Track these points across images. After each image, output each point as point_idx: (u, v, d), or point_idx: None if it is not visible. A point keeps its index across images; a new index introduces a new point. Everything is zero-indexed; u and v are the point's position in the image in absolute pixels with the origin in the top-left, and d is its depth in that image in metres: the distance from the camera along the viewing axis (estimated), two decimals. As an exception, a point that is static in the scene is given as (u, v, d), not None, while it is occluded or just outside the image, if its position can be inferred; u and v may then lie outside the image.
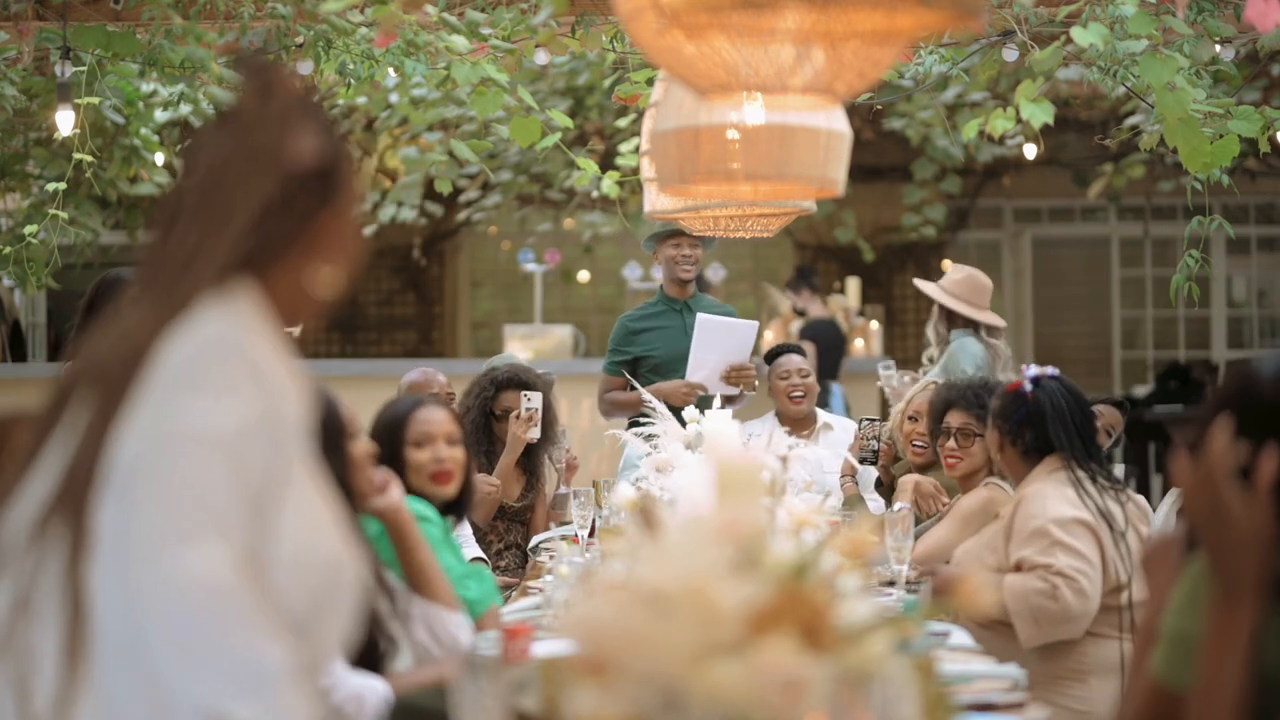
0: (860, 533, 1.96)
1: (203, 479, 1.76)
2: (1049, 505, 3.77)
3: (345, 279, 1.96)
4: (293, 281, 1.91)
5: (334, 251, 1.94)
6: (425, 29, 5.48)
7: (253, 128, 1.90)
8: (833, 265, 13.26)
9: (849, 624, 1.58)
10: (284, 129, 1.89)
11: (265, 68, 1.93)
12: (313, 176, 1.90)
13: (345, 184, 1.95)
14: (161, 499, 1.76)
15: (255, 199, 1.87)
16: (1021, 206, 14.03)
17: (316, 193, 1.91)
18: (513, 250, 13.30)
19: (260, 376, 1.84)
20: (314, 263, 1.92)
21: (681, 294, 6.24)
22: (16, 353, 10.74)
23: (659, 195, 4.21)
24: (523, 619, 3.58)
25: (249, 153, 1.89)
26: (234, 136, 1.91)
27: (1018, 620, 3.68)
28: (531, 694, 1.81)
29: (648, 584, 1.58)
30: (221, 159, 1.89)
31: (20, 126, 8.67)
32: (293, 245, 1.90)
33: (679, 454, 4.52)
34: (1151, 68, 4.87)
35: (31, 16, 5.88)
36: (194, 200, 1.90)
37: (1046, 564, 3.68)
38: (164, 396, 1.80)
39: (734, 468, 1.69)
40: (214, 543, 1.75)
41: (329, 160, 1.92)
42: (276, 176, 1.88)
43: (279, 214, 1.88)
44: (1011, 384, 4.03)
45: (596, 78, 10.98)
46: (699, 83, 2.72)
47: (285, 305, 1.92)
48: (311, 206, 1.91)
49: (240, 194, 1.87)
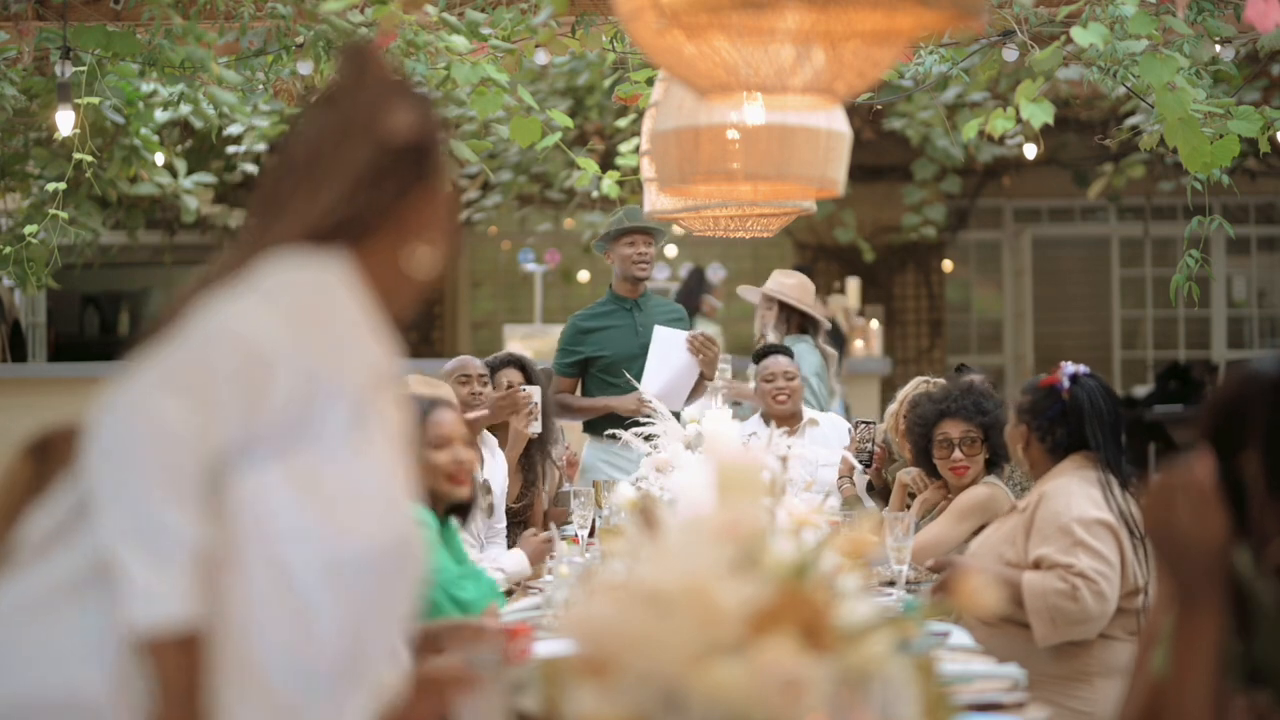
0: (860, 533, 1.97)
1: (206, 357, 1.78)
2: (1074, 503, 3.75)
3: (441, 261, 1.97)
4: (387, 258, 1.93)
5: (429, 231, 1.95)
6: (425, 29, 5.48)
7: (349, 102, 1.92)
8: (833, 265, 13.26)
9: (849, 624, 1.59)
10: (380, 102, 1.92)
11: (361, 50, 1.97)
12: (408, 151, 1.92)
13: (440, 163, 1.97)
14: (170, 357, 1.78)
15: (348, 168, 1.90)
16: (1021, 206, 14.03)
17: (411, 168, 1.93)
18: (513, 250, 13.31)
19: (320, 323, 1.85)
20: (408, 241, 1.94)
21: (633, 293, 6.24)
22: (16, 353, 10.73)
23: (659, 195, 4.21)
24: (523, 619, 3.58)
25: (344, 125, 1.91)
26: (331, 111, 1.94)
27: (1035, 618, 3.66)
28: (531, 694, 1.81)
29: (648, 584, 1.58)
30: (318, 133, 1.92)
31: (20, 126, 8.66)
32: (386, 219, 1.92)
33: (679, 454, 4.52)
34: (1151, 68, 4.87)
35: (31, 16, 5.87)
36: (289, 172, 1.93)
37: (1068, 564, 3.66)
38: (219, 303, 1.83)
39: (734, 468, 1.69)
40: (184, 403, 1.75)
41: (425, 136, 1.94)
42: (370, 148, 1.90)
43: (371, 185, 1.90)
44: (1046, 380, 3.99)
45: (596, 78, 10.98)
46: (699, 83, 2.72)
47: (380, 282, 1.93)
48: (405, 182, 1.92)
49: (334, 163, 1.90)
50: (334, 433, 1.83)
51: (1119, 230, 13.94)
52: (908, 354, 13.56)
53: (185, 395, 1.76)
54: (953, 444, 4.58)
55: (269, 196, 1.94)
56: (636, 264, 6.16)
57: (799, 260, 13.25)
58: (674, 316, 6.36)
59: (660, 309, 6.35)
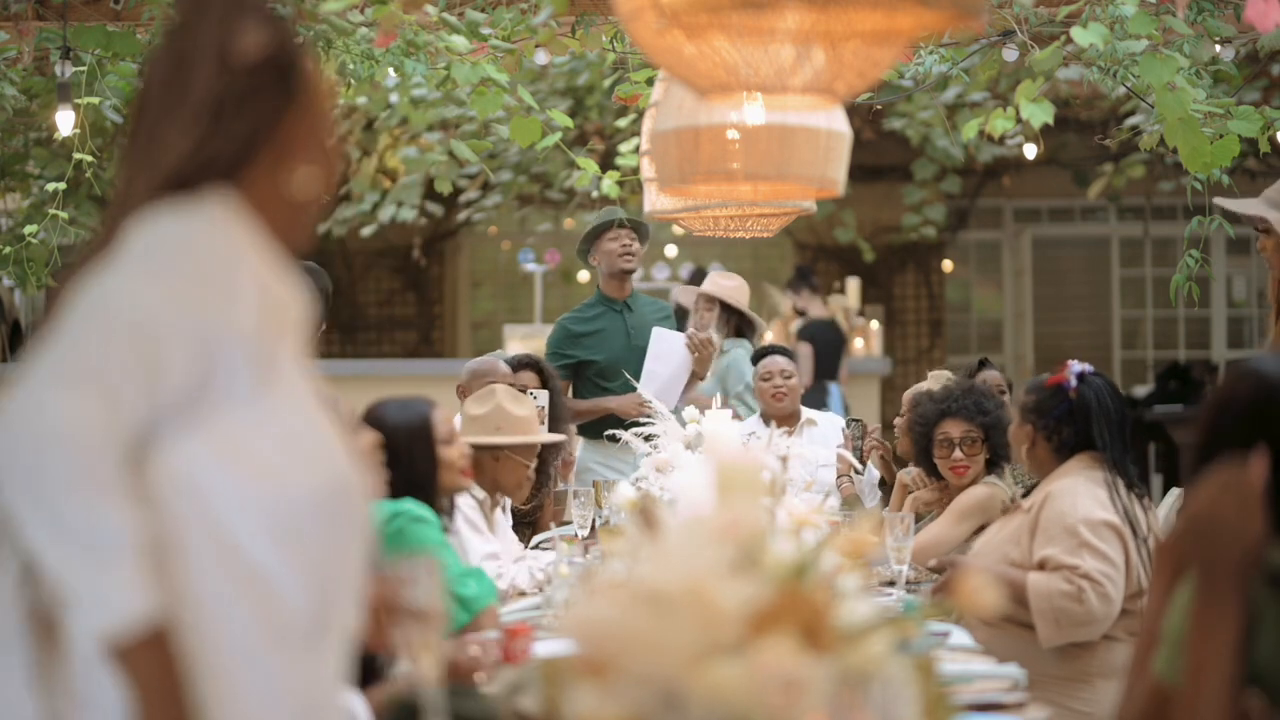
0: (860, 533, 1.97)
1: (97, 344, 1.70)
2: (1080, 504, 3.73)
3: (325, 179, 1.89)
4: (269, 187, 1.84)
5: (307, 150, 1.86)
6: (425, 29, 5.48)
7: (192, 33, 1.84)
8: (833, 265, 13.26)
9: (849, 624, 1.58)
10: (223, 26, 1.83)
11: None
12: (265, 71, 1.83)
13: (304, 78, 1.87)
14: (53, 350, 1.70)
15: (204, 102, 1.80)
16: (1021, 206, 14.03)
17: (273, 88, 1.84)
18: (513, 250, 13.31)
19: (203, 280, 1.76)
20: (288, 165, 1.85)
21: (620, 292, 6.22)
22: (16, 353, 10.74)
23: (659, 195, 4.21)
24: (523, 619, 3.59)
25: (191, 57, 1.82)
26: (177, 45, 1.85)
27: (1039, 619, 3.65)
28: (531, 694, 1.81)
29: (648, 584, 1.58)
30: (165, 72, 1.84)
31: (20, 126, 8.66)
32: (259, 147, 1.83)
33: (679, 454, 4.52)
34: (1151, 68, 4.87)
35: (31, 16, 5.87)
36: (144, 120, 1.84)
37: (1073, 565, 3.65)
38: (100, 276, 1.75)
39: (734, 468, 1.69)
40: (87, 397, 1.67)
41: (279, 52, 1.85)
42: (222, 76, 1.81)
43: (233, 115, 1.81)
44: (1053, 379, 3.95)
45: (596, 78, 10.97)
46: (699, 83, 2.72)
47: (268, 213, 1.85)
48: (272, 104, 1.83)
49: (187, 100, 1.81)
50: (241, 387, 1.75)
51: (1119, 230, 13.94)
52: (908, 354, 13.56)
53: (78, 387, 1.67)
54: (953, 443, 4.58)
55: (129, 150, 1.85)
56: (622, 256, 6.13)
57: (799, 260, 13.25)
58: (663, 315, 6.37)
59: (650, 308, 6.35)
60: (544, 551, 4.56)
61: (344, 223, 12.02)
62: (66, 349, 1.71)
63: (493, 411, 4.38)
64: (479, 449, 4.23)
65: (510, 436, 4.36)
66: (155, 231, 1.77)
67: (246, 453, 1.74)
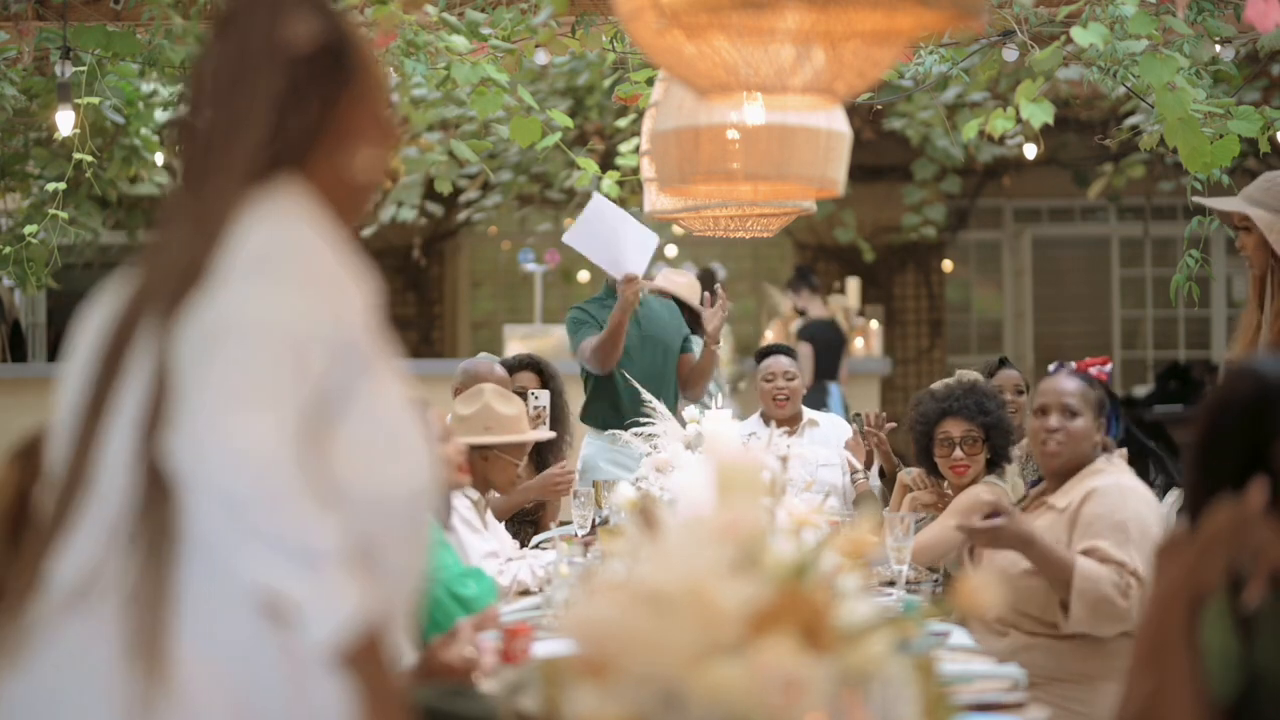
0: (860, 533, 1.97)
1: (257, 360, 1.70)
2: (1129, 502, 3.71)
3: (385, 160, 1.92)
4: (331, 171, 1.86)
5: (367, 132, 1.89)
6: (425, 29, 5.48)
7: (245, 26, 1.84)
8: (833, 265, 13.26)
9: (849, 624, 1.59)
10: (274, 18, 1.84)
11: None
12: (320, 59, 1.85)
13: (359, 61, 1.89)
14: (213, 377, 1.69)
15: (266, 97, 1.82)
16: (1021, 206, 14.03)
17: (329, 75, 1.85)
18: (513, 250, 13.30)
19: (319, 281, 1.78)
20: (349, 148, 1.87)
21: None
22: (16, 353, 10.73)
23: (659, 195, 4.21)
24: (523, 619, 3.59)
25: (246, 52, 1.83)
26: (229, 41, 1.85)
27: (1078, 600, 3.58)
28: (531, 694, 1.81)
29: (648, 584, 1.58)
30: (222, 71, 1.84)
31: (20, 126, 8.67)
32: (321, 134, 1.85)
33: (679, 454, 4.52)
34: (1151, 68, 4.87)
35: (31, 16, 5.87)
36: (208, 114, 1.85)
37: (1121, 561, 3.62)
38: (220, 290, 1.74)
39: (734, 468, 1.69)
40: (264, 415, 1.68)
41: (332, 40, 1.86)
42: (280, 67, 1.82)
43: (296, 105, 1.83)
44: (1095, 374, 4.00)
45: (596, 78, 10.97)
46: (699, 83, 2.72)
47: (334, 197, 1.87)
48: (328, 90, 1.85)
49: (249, 95, 1.82)
50: (358, 387, 1.79)
51: (1119, 230, 13.94)
52: (908, 354, 13.56)
53: (252, 407, 1.68)
54: (954, 443, 4.59)
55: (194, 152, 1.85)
56: None
57: (799, 260, 13.25)
58: (670, 312, 6.40)
59: (657, 303, 6.37)
60: (544, 551, 4.56)
61: (344, 223, 12.01)
62: (229, 372, 1.70)
63: (481, 411, 4.39)
64: (469, 449, 4.24)
65: (499, 436, 4.38)
66: (266, 237, 1.77)
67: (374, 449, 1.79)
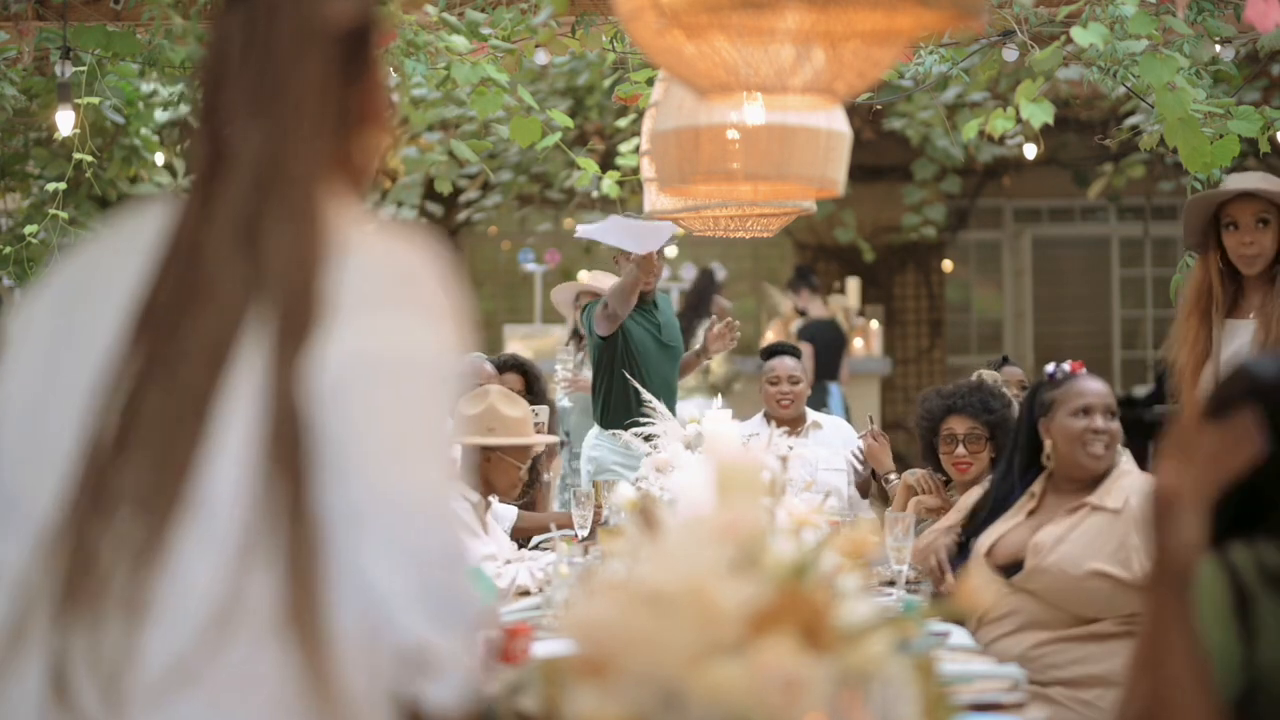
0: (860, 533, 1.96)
1: (426, 403, 1.62)
2: None
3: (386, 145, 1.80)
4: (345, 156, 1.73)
5: (380, 117, 1.78)
6: (425, 29, 5.48)
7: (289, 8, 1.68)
8: (833, 265, 13.26)
9: (849, 624, 1.58)
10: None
11: None
12: (352, 39, 1.72)
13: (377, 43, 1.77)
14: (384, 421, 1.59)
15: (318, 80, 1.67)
16: (1021, 206, 14.03)
17: (359, 56, 1.73)
18: (513, 250, 13.31)
19: (449, 312, 1.69)
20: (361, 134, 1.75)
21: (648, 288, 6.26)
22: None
23: (659, 195, 4.21)
24: (522, 619, 3.59)
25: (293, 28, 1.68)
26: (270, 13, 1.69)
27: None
28: (531, 694, 1.81)
29: (648, 584, 1.58)
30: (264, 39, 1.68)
31: (20, 126, 8.66)
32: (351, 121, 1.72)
33: (679, 454, 4.52)
34: (1151, 68, 4.87)
35: (31, 16, 5.87)
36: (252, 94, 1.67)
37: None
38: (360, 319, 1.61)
39: (734, 468, 1.69)
40: (439, 464, 1.62)
41: (364, 18, 1.74)
42: (326, 51, 1.69)
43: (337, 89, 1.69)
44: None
45: (596, 78, 10.98)
46: (699, 83, 2.72)
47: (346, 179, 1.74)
48: (357, 72, 1.73)
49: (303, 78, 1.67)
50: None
51: (1119, 230, 13.95)
52: (908, 354, 13.56)
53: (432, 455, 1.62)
54: (957, 439, 4.60)
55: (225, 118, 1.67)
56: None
57: (799, 260, 13.25)
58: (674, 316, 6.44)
59: (670, 310, 6.42)
60: (542, 553, 4.56)
61: (344, 223, 12.02)
62: (400, 416, 1.61)
63: (485, 412, 4.38)
64: (471, 449, 4.23)
65: (502, 438, 4.36)
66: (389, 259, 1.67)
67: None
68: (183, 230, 1.66)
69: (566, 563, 3.63)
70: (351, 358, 1.59)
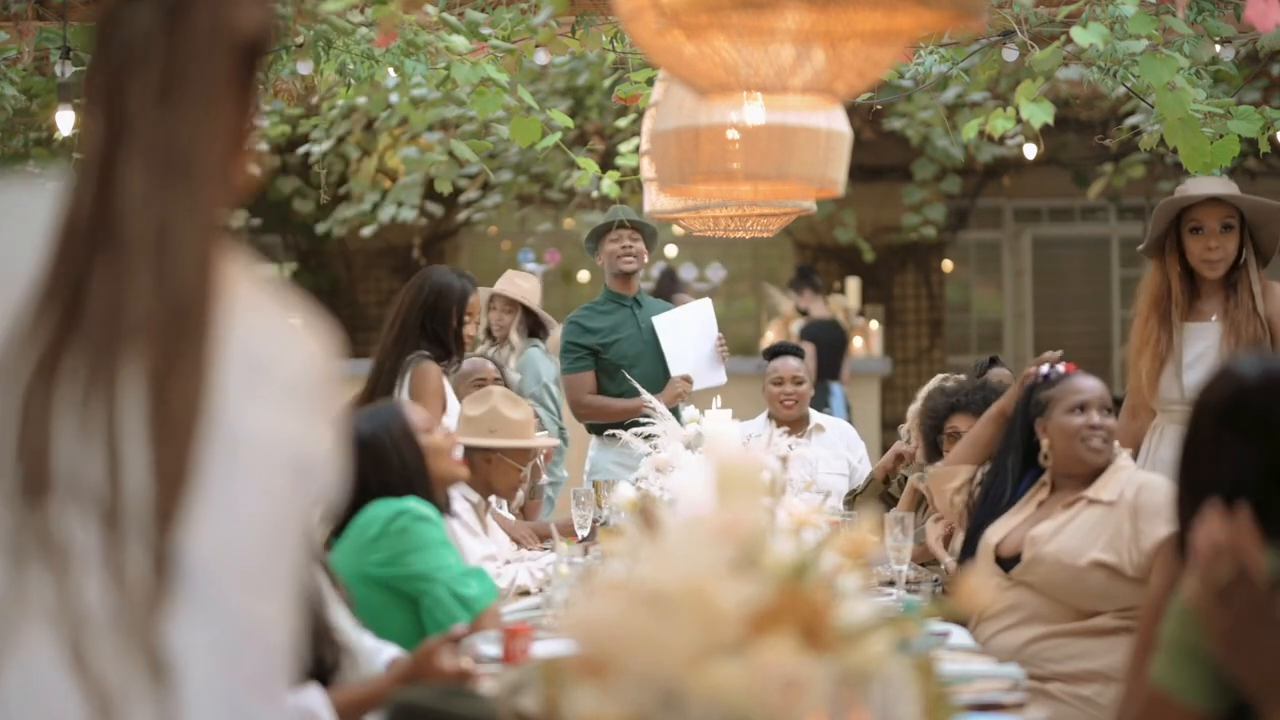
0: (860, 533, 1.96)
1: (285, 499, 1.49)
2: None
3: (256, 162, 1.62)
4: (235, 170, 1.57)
5: (251, 137, 1.61)
6: (425, 29, 5.48)
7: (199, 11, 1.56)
8: (833, 265, 13.27)
9: (849, 624, 1.58)
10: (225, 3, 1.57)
11: None
12: (250, 51, 1.59)
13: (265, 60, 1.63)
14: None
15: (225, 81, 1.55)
16: (1021, 206, 14.04)
17: (250, 69, 1.59)
18: (513, 250, 13.32)
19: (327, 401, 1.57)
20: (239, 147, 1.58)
21: (628, 289, 6.27)
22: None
23: (659, 195, 4.21)
24: (523, 619, 3.59)
25: (208, 26, 1.56)
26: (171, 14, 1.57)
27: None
28: (531, 694, 1.81)
29: (648, 584, 1.58)
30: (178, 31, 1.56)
31: (20, 126, 8.67)
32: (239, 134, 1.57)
33: (679, 454, 4.53)
34: (1151, 68, 4.87)
35: (31, 16, 5.87)
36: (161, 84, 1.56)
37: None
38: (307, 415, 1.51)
39: (734, 468, 1.69)
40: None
41: (265, 27, 1.61)
42: (230, 58, 1.56)
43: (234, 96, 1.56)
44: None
45: (596, 78, 10.98)
46: (699, 83, 2.72)
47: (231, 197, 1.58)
48: (245, 85, 1.58)
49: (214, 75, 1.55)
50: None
51: (1119, 230, 13.95)
52: (908, 354, 13.56)
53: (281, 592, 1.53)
54: (959, 437, 4.60)
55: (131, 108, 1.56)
56: (622, 258, 6.18)
57: (799, 260, 13.26)
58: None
59: (658, 307, 6.40)
60: (541, 553, 4.56)
61: (344, 223, 12.02)
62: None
63: (487, 414, 4.38)
64: (471, 450, 4.23)
65: (504, 440, 4.36)
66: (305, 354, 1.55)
67: None
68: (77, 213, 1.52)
69: (566, 563, 3.63)
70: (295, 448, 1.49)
